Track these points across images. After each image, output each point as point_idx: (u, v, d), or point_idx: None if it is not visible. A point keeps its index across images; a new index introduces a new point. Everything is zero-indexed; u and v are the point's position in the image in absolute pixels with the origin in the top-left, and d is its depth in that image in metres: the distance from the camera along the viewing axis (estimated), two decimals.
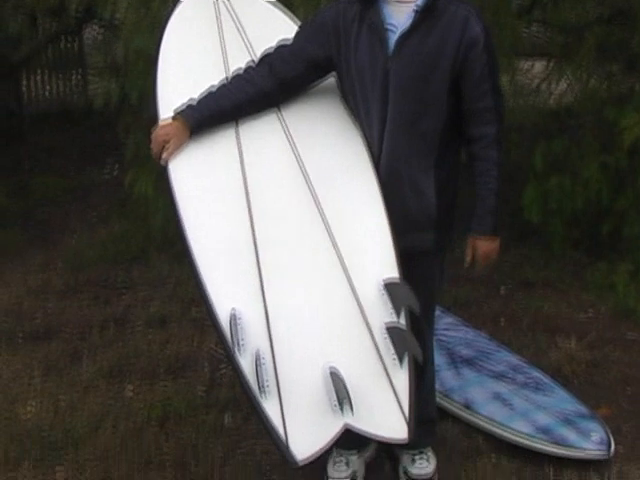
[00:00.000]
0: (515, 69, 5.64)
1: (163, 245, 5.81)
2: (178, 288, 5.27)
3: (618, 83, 5.62)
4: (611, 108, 5.04)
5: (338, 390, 2.36)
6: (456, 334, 4.20)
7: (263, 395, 2.39)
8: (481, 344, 4.13)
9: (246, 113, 3.04)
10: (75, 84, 11.23)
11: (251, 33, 3.24)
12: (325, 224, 2.78)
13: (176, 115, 2.96)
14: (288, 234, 2.78)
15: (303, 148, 2.98)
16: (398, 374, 2.47)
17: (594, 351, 4.27)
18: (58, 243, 6.32)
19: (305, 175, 2.90)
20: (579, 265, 5.26)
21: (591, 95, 5.55)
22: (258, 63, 3.08)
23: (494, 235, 3.09)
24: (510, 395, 3.67)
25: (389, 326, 2.54)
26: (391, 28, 2.90)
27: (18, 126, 9.45)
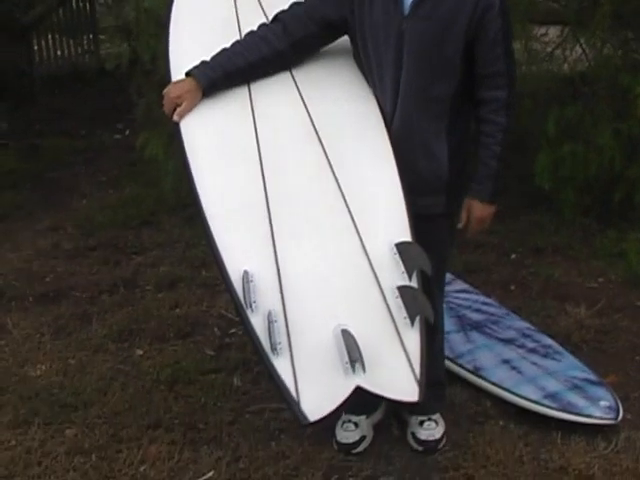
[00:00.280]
0: (529, 35, 5.59)
1: (173, 208, 5.83)
2: (188, 251, 5.28)
3: (633, 50, 5.58)
4: (625, 75, 5.00)
5: (350, 349, 2.36)
6: (466, 300, 4.20)
7: (275, 354, 2.38)
8: (491, 310, 4.13)
9: (259, 73, 3.03)
10: (86, 46, 11.23)
11: None
12: (338, 185, 2.77)
13: (189, 74, 2.94)
14: (300, 195, 2.77)
15: (316, 110, 2.97)
16: (409, 334, 2.46)
17: (603, 319, 4.26)
18: (68, 205, 6.34)
19: (318, 136, 2.89)
20: (589, 232, 5.24)
21: (605, 62, 5.49)
22: (272, 21, 3.06)
23: (491, 202, 3.08)
24: (519, 361, 3.67)
25: (401, 286, 2.53)
26: None
27: (29, 88, 9.45)
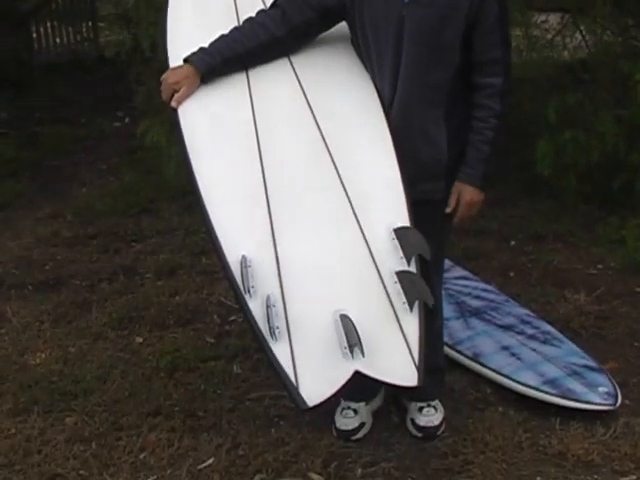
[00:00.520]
0: (529, 22, 5.59)
1: (173, 196, 5.83)
2: (187, 239, 5.28)
3: (633, 37, 5.57)
4: (625, 62, 4.99)
5: (348, 333, 2.35)
6: (465, 286, 4.20)
7: (274, 338, 2.38)
8: (490, 296, 4.13)
9: (258, 59, 3.02)
10: (86, 33, 11.21)
11: None
12: (336, 171, 2.76)
13: (187, 60, 2.93)
14: (299, 181, 2.76)
15: (314, 96, 2.96)
16: (408, 319, 2.45)
17: (603, 305, 4.26)
18: (68, 193, 6.34)
19: (317, 122, 2.88)
20: (590, 219, 5.24)
21: (605, 49, 5.50)
22: (270, 7, 3.05)
23: (481, 187, 3.07)
24: (518, 347, 3.67)
25: (399, 271, 2.53)
26: None
27: (28, 76, 9.44)
